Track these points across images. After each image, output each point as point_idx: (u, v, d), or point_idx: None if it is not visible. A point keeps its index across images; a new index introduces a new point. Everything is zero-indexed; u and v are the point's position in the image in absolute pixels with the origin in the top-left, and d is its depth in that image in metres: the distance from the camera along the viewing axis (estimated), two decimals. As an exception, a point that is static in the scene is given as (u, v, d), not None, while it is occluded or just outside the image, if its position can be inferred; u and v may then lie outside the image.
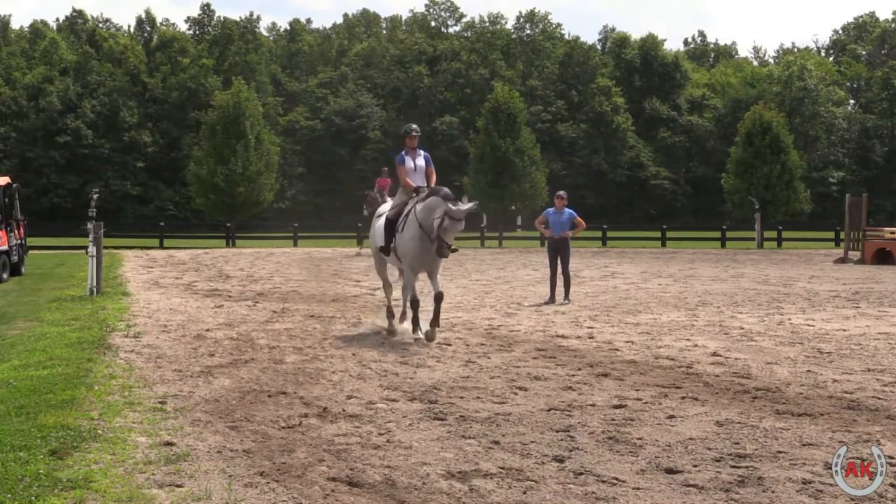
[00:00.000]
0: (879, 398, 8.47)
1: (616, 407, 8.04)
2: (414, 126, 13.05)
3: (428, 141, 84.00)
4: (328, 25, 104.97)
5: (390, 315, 12.95)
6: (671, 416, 7.67)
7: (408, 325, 12.56)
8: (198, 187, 53.96)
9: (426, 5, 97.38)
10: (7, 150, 72.88)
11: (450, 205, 11.46)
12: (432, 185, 12.47)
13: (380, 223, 12.97)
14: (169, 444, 6.60)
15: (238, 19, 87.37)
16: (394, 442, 6.85)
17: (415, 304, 12.11)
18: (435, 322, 11.86)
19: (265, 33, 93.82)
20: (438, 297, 11.99)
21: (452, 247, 11.74)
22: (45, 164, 73.77)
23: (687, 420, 7.56)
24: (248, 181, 52.61)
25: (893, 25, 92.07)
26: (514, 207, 60.14)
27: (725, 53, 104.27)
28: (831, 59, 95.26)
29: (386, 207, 13.22)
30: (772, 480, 5.89)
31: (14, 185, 24.83)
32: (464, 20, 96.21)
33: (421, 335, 11.79)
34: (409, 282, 12.16)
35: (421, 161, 12.76)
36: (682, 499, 5.61)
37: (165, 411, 7.67)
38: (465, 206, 11.89)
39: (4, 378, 8.94)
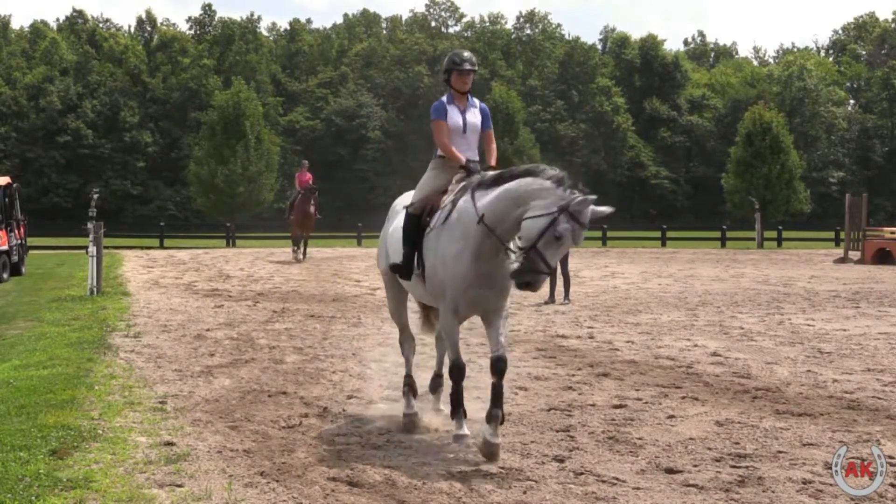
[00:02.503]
0: (879, 398, 8.47)
1: (616, 407, 8.04)
2: (466, 55, 7.40)
3: (428, 141, 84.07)
4: (328, 25, 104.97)
5: (410, 390, 7.63)
6: (671, 416, 7.67)
7: (443, 412, 7.62)
8: (198, 187, 54.03)
9: (426, 5, 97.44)
10: (7, 150, 72.88)
11: (575, 194, 6.25)
12: (493, 161, 7.41)
13: (397, 223, 7.61)
14: (169, 443, 6.60)
15: (239, 19, 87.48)
16: (394, 442, 6.85)
17: (457, 373, 6.88)
18: (495, 414, 6.53)
19: (265, 33, 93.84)
20: (498, 364, 6.66)
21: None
22: (46, 164, 73.79)
23: (687, 420, 7.56)
24: (248, 181, 52.67)
25: (893, 25, 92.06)
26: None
27: (725, 53, 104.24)
28: (831, 59, 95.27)
29: (405, 199, 7.79)
30: (772, 480, 5.89)
31: (14, 185, 24.86)
32: (464, 20, 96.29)
33: (466, 431, 6.81)
34: (450, 332, 6.88)
35: (475, 116, 7.36)
36: (683, 499, 5.61)
37: (166, 411, 7.67)
38: (602, 207, 6.48)
39: (5, 378, 8.94)
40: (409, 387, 7.67)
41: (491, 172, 6.94)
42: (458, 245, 6.65)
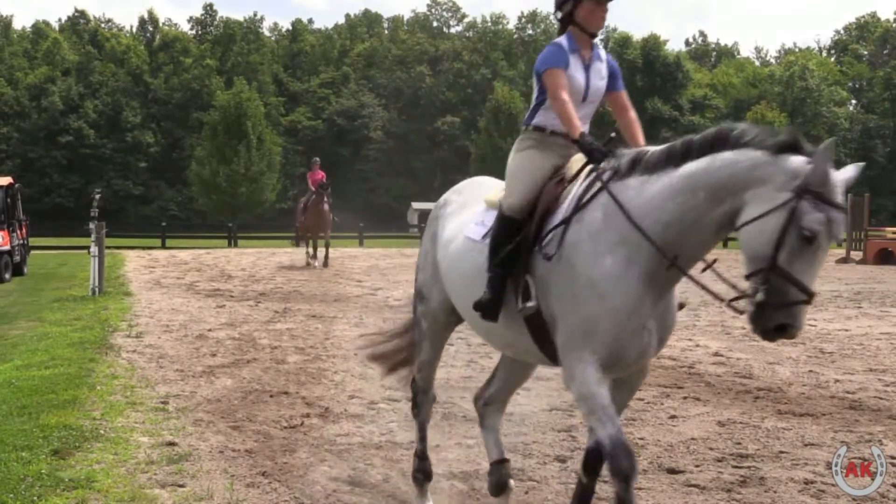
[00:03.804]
0: (881, 398, 8.46)
1: (618, 407, 8.04)
2: None
3: (429, 141, 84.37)
4: (330, 26, 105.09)
5: (425, 477, 5.56)
6: (673, 416, 7.67)
7: None
8: (200, 187, 54.21)
9: (428, 5, 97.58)
10: (9, 150, 73.04)
11: (832, 174, 3.84)
12: (640, 138, 4.86)
13: (454, 234, 5.17)
14: (171, 444, 6.60)
15: (241, 19, 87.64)
16: (395, 442, 6.85)
17: (626, 461, 4.13)
18: None
19: (267, 33, 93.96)
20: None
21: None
22: (48, 165, 73.95)
23: (689, 420, 7.56)
24: (249, 181, 52.82)
25: (895, 25, 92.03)
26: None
27: (727, 53, 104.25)
28: (833, 59, 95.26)
29: (465, 196, 5.40)
30: (774, 481, 5.89)
31: (16, 186, 24.91)
32: (465, 20, 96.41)
33: None
34: (594, 393, 4.22)
35: (600, 77, 4.93)
36: (684, 499, 5.61)
37: (167, 411, 7.67)
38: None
39: (7, 378, 8.94)
40: (423, 472, 5.52)
41: (653, 149, 4.37)
42: (617, 257, 4.22)
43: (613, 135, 4.74)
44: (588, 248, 4.29)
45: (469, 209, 5.15)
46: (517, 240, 4.58)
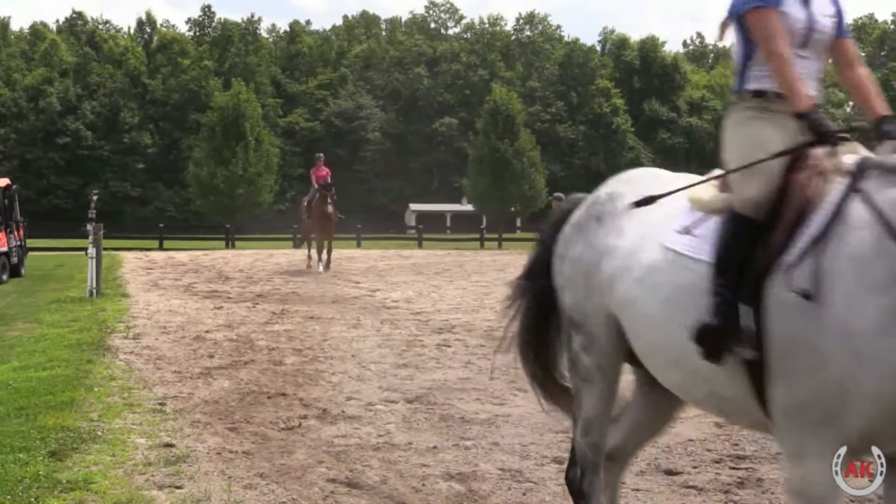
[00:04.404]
0: (879, 399, 8.46)
1: (615, 408, 8.03)
2: None
3: (427, 142, 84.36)
4: (328, 27, 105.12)
5: None
6: (670, 418, 7.67)
7: None
8: (197, 189, 54.23)
9: (426, 7, 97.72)
10: (7, 151, 73.03)
11: None
12: (879, 108, 3.83)
13: (662, 235, 3.76)
14: (168, 445, 6.60)
15: (239, 21, 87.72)
16: (393, 443, 6.85)
17: None
18: None
19: (265, 35, 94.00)
20: None
21: None
22: (45, 166, 73.94)
23: (686, 421, 7.54)
24: (247, 183, 52.86)
25: (892, 27, 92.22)
26: (513, 209, 60.52)
27: (725, 55, 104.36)
28: (830, 60, 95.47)
29: (648, 190, 3.92)
30: (771, 482, 5.89)
31: (13, 187, 24.88)
32: (463, 21, 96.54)
33: None
34: (825, 498, 3.36)
35: (822, 10, 3.87)
36: (682, 500, 5.61)
37: (165, 413, 7.67)
38: None
39: (4, 379, 8.93)
40: None
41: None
42: (889, 301, 3.03)
43: (865, 124, 3.62)
44: (847, 283, 3.08)
45: (657, 209, 3.82)
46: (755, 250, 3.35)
